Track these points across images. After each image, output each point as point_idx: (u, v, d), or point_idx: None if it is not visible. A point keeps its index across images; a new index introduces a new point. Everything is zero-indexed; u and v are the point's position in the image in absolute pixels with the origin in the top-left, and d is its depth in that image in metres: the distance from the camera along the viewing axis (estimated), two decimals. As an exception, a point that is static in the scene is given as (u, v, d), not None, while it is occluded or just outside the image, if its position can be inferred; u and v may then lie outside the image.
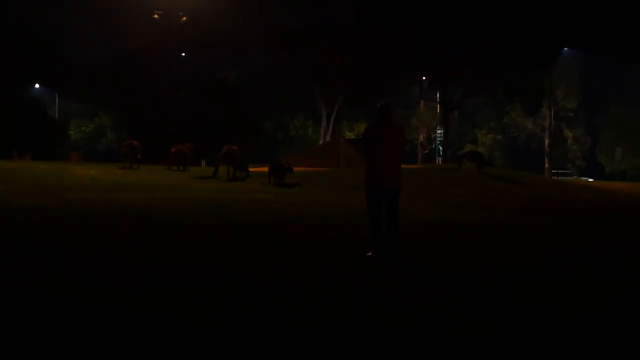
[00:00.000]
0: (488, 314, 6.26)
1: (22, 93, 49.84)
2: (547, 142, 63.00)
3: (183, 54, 52.84)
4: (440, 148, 56.52)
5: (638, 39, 53.59)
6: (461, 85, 47.14)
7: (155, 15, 49.53)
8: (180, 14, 49.86)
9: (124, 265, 7.80)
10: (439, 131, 58.04)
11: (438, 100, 54.72)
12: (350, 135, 59.71)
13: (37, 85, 57.77)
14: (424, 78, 52.79)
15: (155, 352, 4.92)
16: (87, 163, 32.31)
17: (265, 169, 21.50)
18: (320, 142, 52.53)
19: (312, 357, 4.95)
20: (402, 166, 8.84)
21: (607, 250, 10.46)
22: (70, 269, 7.49)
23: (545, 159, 62.21)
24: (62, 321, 5.54)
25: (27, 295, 6.31)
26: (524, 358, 5.11)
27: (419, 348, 5.17)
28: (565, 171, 63.44)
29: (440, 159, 55.42)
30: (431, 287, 7.40)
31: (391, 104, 9.47)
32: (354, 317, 5.90)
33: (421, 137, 64.65)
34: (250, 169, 22.26)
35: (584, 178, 57.50)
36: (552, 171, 58.17)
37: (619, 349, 5.38)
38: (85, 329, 5.35)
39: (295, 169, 21.24)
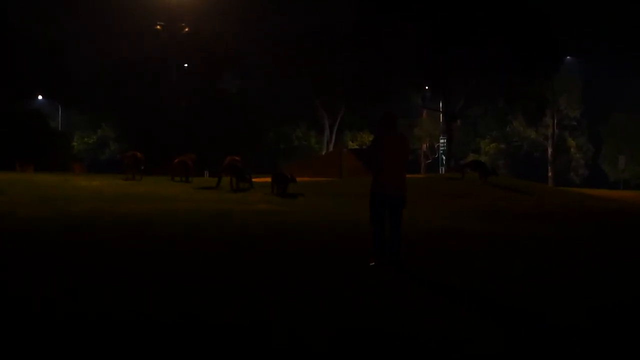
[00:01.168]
0: (490, 319, 6.28)
1: (25, 104, 49.86)
2: (550, 151, 62.92)
3: (185, 65, 52.96)
4: (444, 157, 56.45)
5: (640, 47, 53.65)
6: (463, 92, 47.09)
7: (158, 27, 49.72)
8: (182, 24, 50.04)
9: (124, 274, 7.81)
10: (442, 141, 57.99)
11: (441, 109, 54.70)
12: (353, 145, 59.66)
13: (39, 97, 57.87)
14: (426, 87, 52.79)
15: (157, 355, 4.94)
16: (91, 174, 32.33)
17: (269, 179, 21.47)
18: (323, 152, 52.48)
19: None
20: (406, 176, 8.86)
21: (610, 258, 10.45)
22: (72, 277, 7.53)
23: (549, 167, 62.13)
24: (63, 325, 5.57)
25: (30, 300, 6.35)
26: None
27: (421, 351, 5.18)
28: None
29: (443, 168, 55.35)
30: (434, 293, 7.41)
31: (395, 113, 9.46)
32: (357, 321, 5.90)
33: (424, 147, 64.70)
34: (254, 180, 22.23)
35: None
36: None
37: (620, 353, 5.36)
38: (86, 332, 5.38)
39: (297, 179, 21.18)
